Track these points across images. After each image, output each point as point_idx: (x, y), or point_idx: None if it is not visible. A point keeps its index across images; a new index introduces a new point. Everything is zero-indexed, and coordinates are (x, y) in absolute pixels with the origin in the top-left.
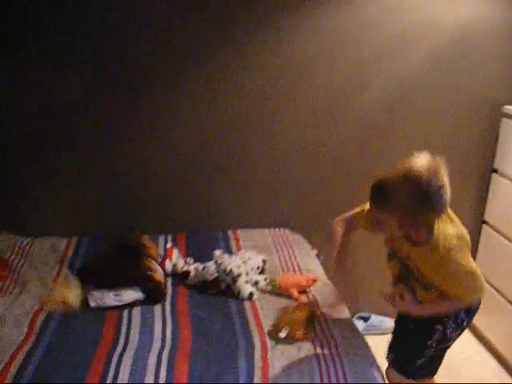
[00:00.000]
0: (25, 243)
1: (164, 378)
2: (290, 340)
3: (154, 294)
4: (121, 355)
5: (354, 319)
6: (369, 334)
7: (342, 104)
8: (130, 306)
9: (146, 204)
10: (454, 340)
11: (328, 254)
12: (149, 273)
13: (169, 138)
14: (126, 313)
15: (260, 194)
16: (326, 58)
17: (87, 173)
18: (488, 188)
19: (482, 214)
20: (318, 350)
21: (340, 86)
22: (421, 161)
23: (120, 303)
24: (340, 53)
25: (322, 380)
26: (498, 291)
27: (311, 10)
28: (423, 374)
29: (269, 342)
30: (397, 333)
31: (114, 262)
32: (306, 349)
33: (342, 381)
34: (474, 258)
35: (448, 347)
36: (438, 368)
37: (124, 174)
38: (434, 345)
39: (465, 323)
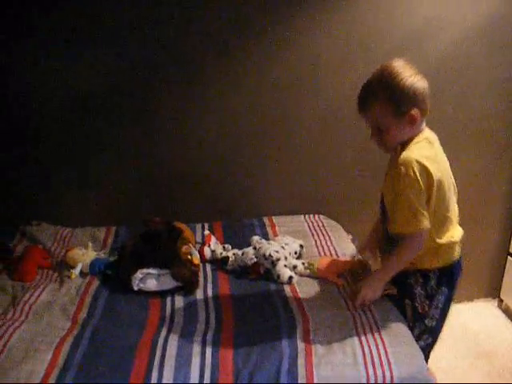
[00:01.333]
0: (66, 232)
1: (210, 360)
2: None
3: (188, 285)
4: (166, 339)
5: None
6: None
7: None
8: (171, 293)
9: (182, 193)
10: (437, 318)
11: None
12: (187, 256)
13: (205, 128)
14: (169, 299)
15: (294, 181)
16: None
17: (125, 163)
18: None
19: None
20: (360, 330)
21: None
22: (396, 61)
23: (161, 288)
24: (357, 50)
25: (364, 359)
26: None
27: (320, 14)
28: None
29: (311, 323)
30: None
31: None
32: (347, 329)
33: (384, 361)
34: (509, 241)
35: (438, 330)
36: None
37: (160, 165)
38: (410, 324)
39: (439, 295)
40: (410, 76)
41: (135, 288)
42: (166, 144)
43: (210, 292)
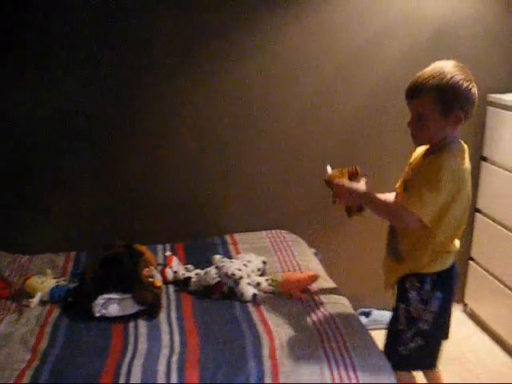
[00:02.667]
0: (24, 260)
1: None
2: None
3: (151, 308)
4: (130, 365)
5: None
6: (371, 329)
7: (329, 105)
8: (134, 317)
9: (142, 215)
10: (431, 322)
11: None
12: (148, 279)
13: (164, 148)
14: (131, 323)
15: (254, 198)
16: (312, 58)
17: (83, 187)
18: (478, 177)
19: (475, 203)
20: (326, 345)
21: (327, 84)
22: (455, 63)
23: (123, 313)
24: (326, 50)
25: (332, 376)
26: (496, 278)
27: (296, 9)
28: (414, 365)
29: (276, 341)
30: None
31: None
32: (313, 345)
33: (352, 376)
34: (470, 246)
35: (432, 334)
36: (433, 359)
37: (119, 188)
38: (403, 328)
39: (433, 299)
40: (466, 80)
41: (97, 314)
42: (125, 167)
43: (173, 314)
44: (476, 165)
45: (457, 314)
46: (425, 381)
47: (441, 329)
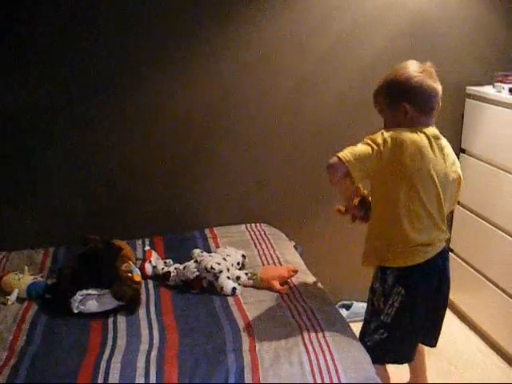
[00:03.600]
0: (0, 256)
1: (154, 380)
2: None
3: (130, 303)
4: (109, 361)
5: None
6: (352, 322)
7: (311, 94)
8: (113, 312)
9: (122, 210)
10: (393, 316)
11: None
12: (127, 274)
13: (140, 142)
14: (111, 319)
15: (234, 192)
16: (291, 48)
17: (61, 181)
18: None
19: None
20: (306, 338)
21: (310, 73)
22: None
23: (102, 309)
24: (305, 41)
25: (312, 368)
26: (475, 269)
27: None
28: (379, 357)
29: (256, 335)
30: None
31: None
32: (293, 339)
33: (332, 368)
34: (450, 237)
35: (395, 328)
36: (399, 354)
37: (98, 182)
38: (368, 318)
39: (395, 294)
40: (410, 72)
41: (75, 310)
42: (102, 161)
43: (152, 309)
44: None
45: None
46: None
47: (408, 326)
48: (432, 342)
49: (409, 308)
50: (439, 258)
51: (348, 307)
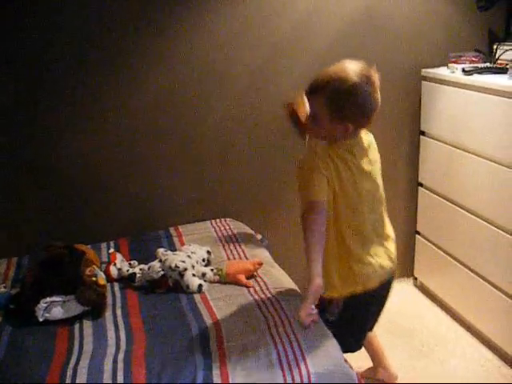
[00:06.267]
0: None
1: (122, 382)
2: None
3: (96, 307)
4: (75, 366)
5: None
6: None
7: (265, 86)
8: (79, 318)
9: (84, 214)
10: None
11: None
12: (91, 279)
13: (95, 142)
14: (77, 325)
15: (197, 188)
16: (247, 38)
17: (21, 188)
18: (418, 151)
19: (417, 177)
20: (273, 330)
21: (257, 73)
22: (354, 65)
23: (67, 315)
24: (262, 30)
25: (279, 360)
26: (440, 249)
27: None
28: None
29: (223, 331)
30: None
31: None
32: (260, 331)
33: (300, 359)
34: (415, 220)
35: (342, 324)
36: (349, 345)
37: (58, 186)
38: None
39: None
40: (366, 86)
41: (40, 319)
42: (62, 165)
43: (119, 312)
44: (415, 140)
45: (407, 288)
46: None
47: (352, 325)
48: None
49: (351, 312)
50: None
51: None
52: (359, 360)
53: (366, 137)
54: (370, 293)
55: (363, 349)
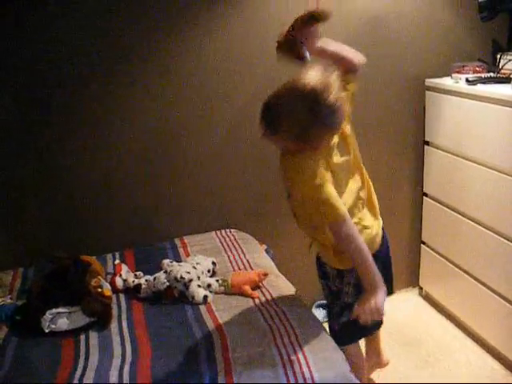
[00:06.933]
0: None
1: None
2: None
3: (102, 318)
4: (81, 378)
5: (313, 308)
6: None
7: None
8: (85, 329)
9: (90, 226)
10: (353, 293)
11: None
12: (97, 290)
13: (102, 154)
14: (82, 336)
15: (202, 199)
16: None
17: (26, 200)
18: (423, 161)
19: (422, 187)
20: (279, 341)
21: (262, 81)
22: (311, 74)
23: (73, 326)
24: (263, 41)
25: (285, 371)
26: (445, 258)
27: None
28: (350, 338)
29: (229, 341)
30: None
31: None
32: (266, 343)
33: (305, 371)
34: (420, 230)
35: (353, 304)
36: (367, 329)
37: (62, 199)
38: (330, 303)
39: (348, 273)
40: (324, 113)
41: (46, 330)
42: (67, 177)
43: (124, 323)
44: (420, 149)
45: (413, 298)
46: None
47: None
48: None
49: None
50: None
51: (324, 307)
52: None
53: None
54: (376, 254)
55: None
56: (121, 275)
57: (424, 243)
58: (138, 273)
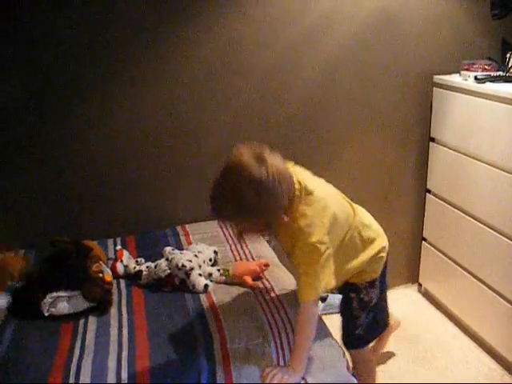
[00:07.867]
0: None
1: (126, 381)
2: None
3: (101, 304)
4: (79, 363)
5: None
6: (328, 314)
7: (279, 90)
8: (84, 314)
9: (92, 210)
10: (377, 293)
11: None
12: (98, 275)
13: (109, 138)
14: (81, 320)
15: (204, 187)
16: (254, 45)
17: (29, 183)
18: (428, 158)
19: (425, 184)
20: (276, 334)
21: (273, 72)
22: (239, 154)
23: (73, 310)
24: (269, 39)
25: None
26: (446, 255)
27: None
28: (372, 337)
29: (227, 332)
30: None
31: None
32: (264, 335)
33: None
34: (422, 226)
35: (379, 301)
36: (385, 322)
37: (66, 183)
38: (357, 313)
39: (377, 282)
40: (270, 189)
41: (46, 313)
42: (70, 161)
43: (124, 309)
44: (425, 146)
45: (412, 294)
46: None
47: (383, 289)
48: None
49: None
50: None
51: (324, 299)
52: None
53: None
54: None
55: None
56: (122, 261)
57: (425, 240)
58: (139, 259)
